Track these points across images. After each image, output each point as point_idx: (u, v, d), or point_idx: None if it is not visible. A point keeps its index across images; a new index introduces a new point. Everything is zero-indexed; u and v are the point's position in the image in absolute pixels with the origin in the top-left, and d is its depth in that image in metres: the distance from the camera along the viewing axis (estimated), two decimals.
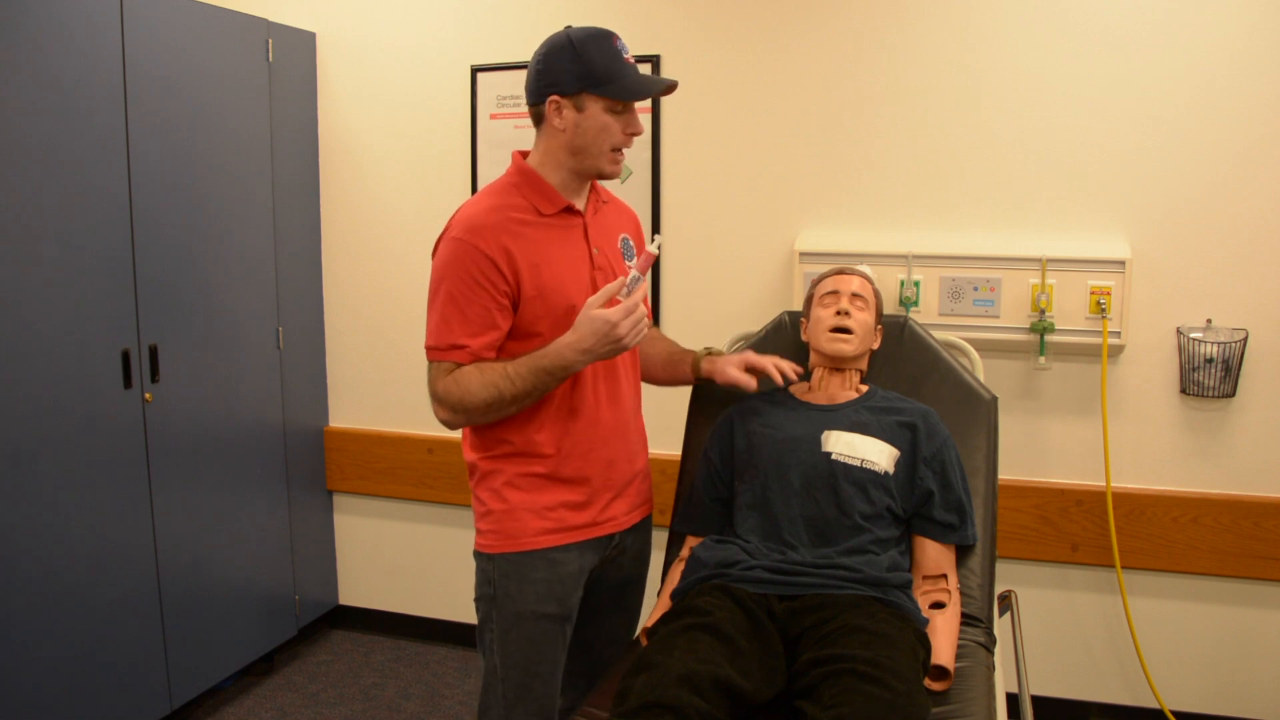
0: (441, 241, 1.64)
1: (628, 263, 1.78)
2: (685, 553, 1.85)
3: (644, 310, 1.57)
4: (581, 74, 1.57)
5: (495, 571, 1.71)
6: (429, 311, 1.64)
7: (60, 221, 2.18)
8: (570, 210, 1.68)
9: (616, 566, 1.84)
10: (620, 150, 1.65)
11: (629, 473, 1.79)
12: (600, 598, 1.84)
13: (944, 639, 1.59)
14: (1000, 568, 2.04)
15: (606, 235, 1.75)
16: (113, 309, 2.32)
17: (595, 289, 1.67)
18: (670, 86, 1.66)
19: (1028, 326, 2.39)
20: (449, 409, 1.62)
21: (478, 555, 1.75)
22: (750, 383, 1.82)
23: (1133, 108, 2.34)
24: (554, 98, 1.60)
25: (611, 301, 1.56)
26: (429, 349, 1.64)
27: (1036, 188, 2.43)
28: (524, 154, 1.70)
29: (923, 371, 1.97)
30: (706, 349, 1.93)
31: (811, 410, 1.83)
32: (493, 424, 1.69)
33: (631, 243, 1.82)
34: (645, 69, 2.66)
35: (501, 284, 1.60)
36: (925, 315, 2.45)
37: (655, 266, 2.73)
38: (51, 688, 2.18)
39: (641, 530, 1.87)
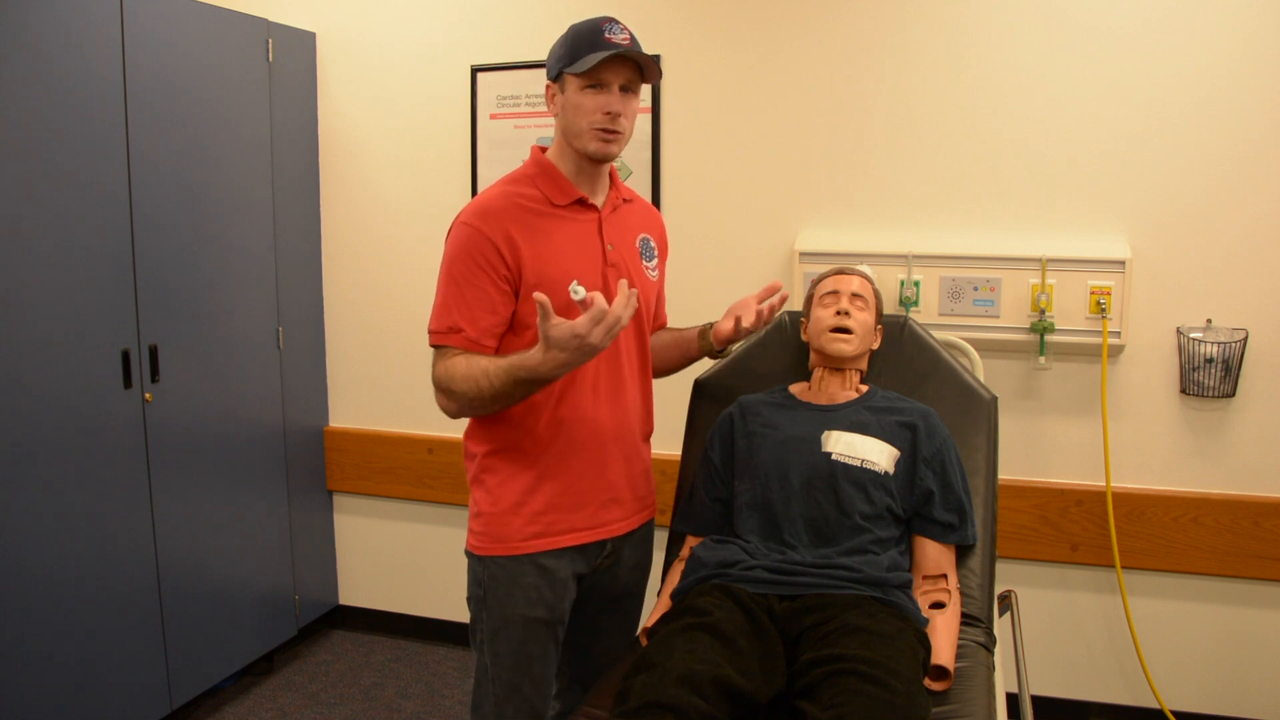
0: (452, 228, 1.65)
1: (645, 263, 1.78)
2: (685, 552, 1.84)
3: (608, 308, 1.42)
4: (562, 56, 1.62)
5: (485, 574, 1.71)
6: (435, 297, 1.64)
7: (60, 221, 2.18)
8: (583, 203, 1.69)
9: (613, 576, 1.82)
10: (604, 130, 1.61)
11: (626, 476, 1.77)
12: (596, 605, 1.83)
13: (944, 639, 1.59)
14: (1000, 568, 2.04)
15: (623, 233, 1.75)
16: (113, 309, 2.32)
17: (606, 284, 1.67)
18: (637, 57, 1.57)
19: (1028, 326, 2.39)
20: (444, 396, 1.62)
21: (468, 555, 1.75)
22: (749, 318, 1.77)
23: (1133, 108, 2.34)
24: (549, 84, 1.67)
25: (574, 311, 1.47)
26: (429, 333, 1.64)
27: (1036, 188, 2.43)
28: (543, 148, 1.73)
29: (923, 371, 1.97)
30: (710, 323, 1.90)
31: (812, 410, 1.83)
32: (488, 419, 1.69)
33: (652, 243, 1.83)
34: None
35: (502, 268, 1.60)
36: (925, 315, 2.45)
37: None
38: (51, 687, 2.18)
39: (640, 539, 1.85)
